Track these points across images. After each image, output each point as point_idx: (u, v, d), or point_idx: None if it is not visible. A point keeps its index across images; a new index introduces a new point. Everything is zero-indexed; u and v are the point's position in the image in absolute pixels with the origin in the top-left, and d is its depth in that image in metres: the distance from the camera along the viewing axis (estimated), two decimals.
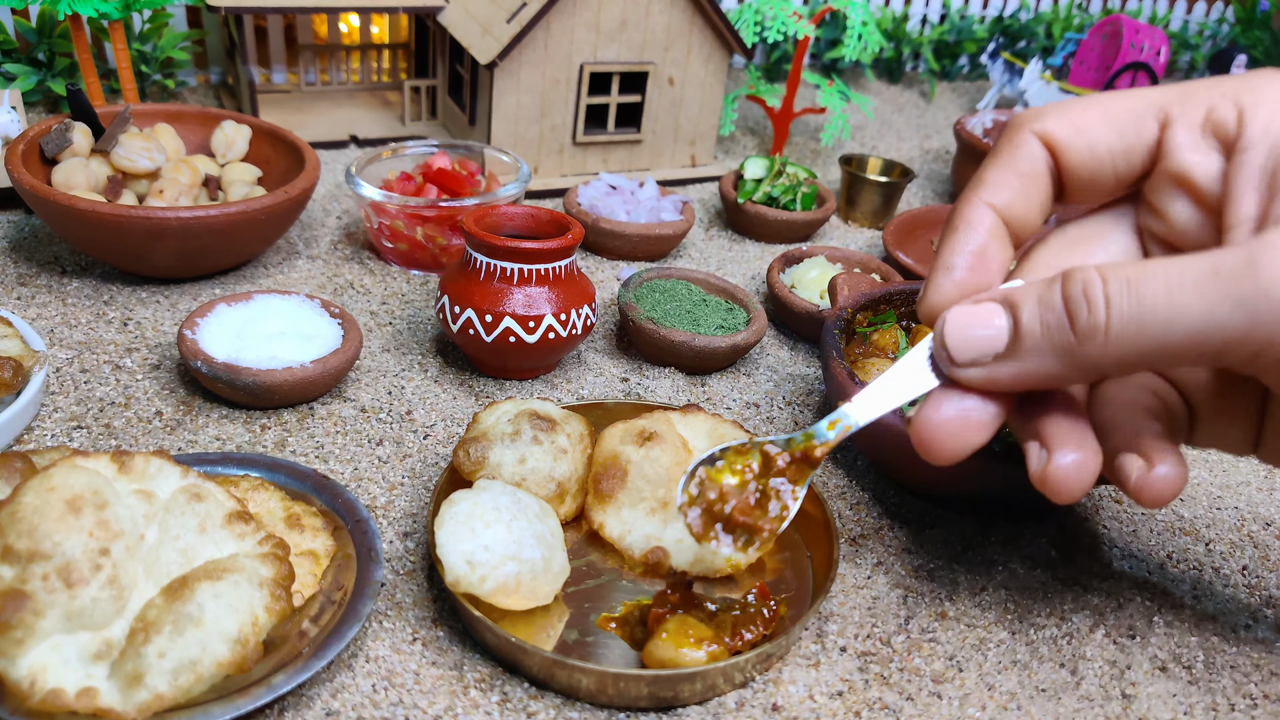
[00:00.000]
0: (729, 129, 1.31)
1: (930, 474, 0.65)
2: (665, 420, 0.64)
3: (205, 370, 0.67)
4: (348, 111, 1.30)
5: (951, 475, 0.63)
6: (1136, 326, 0.40)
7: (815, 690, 0.54)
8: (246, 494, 0.57)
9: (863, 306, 0.77)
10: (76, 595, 0.44)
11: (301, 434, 0.69)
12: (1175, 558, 0.67)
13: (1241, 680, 0.58)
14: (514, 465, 0.59)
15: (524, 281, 0.72)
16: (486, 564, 0.51)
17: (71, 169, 0.83)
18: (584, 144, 1.16)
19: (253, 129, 0.95)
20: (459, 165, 0.97)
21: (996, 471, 0.61)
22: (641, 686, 0.50)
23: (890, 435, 0.63)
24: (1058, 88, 1.65)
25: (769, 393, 0.82)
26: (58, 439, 0.65)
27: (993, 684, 0.55)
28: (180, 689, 0.44)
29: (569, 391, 0.78)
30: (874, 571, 0.63)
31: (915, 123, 1.64)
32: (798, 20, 1.21)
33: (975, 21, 1.87)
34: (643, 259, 1.02)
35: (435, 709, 0.50)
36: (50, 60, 1.19)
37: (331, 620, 0.51)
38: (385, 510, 0.63)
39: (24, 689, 0.43)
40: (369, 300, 0.88)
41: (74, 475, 0.46)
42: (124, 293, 0.83)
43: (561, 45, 1.07)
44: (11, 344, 0.67)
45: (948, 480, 0.65)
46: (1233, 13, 2.11)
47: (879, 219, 1.19)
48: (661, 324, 0.80)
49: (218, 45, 1.37)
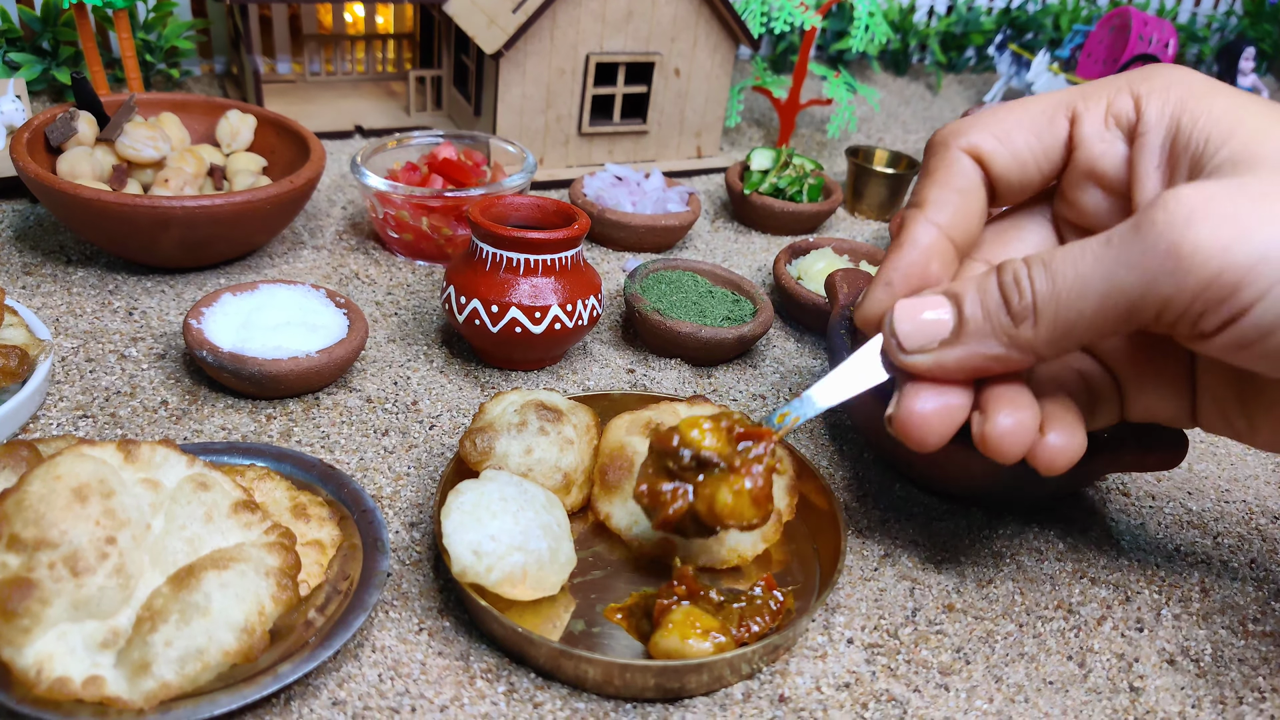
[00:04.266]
0: (735, 120, 1.31)
1: (938, 467, 0.65)
2: (672, 411, 0.63)
3: (211, 360, 0.67)
4: (353, 101, 1.30)
5: (959, 468, 0.63)
6: (1054, 304, 0.44)
7: (822, 682, 0.53)
8: (252, 483, 0.56)
9: None
10: (83, 584, 0.44)
11: (307, 424, 0.69)
12: (1183, 550, 0.67)
13: (1250, 673, 0.57)
14: (520, 456, 0.59)
15: (530, 272, 0.72)
16: (493, 554, 0.51)
17: (76, 158, 0.83)
18: (590, 135, 1.16)
19: (258, 118, 0.95)
20: (464, 156, 0.97)
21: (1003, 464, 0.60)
22: (648, 677, 0.50)
23: None
24: (1065, 80, 1.64)
25: (775, 384, 0.81)
26: (63, 428, 0.65)
27: (1000, 676, 0.55)
28: (187, 678, 0.44)
29: (575, 382, 0.78)
30: (881, 563, 0.63)
31: (922, 115, 1.63)
32: (804, 11, 1.21)
33: (983, 13, 1.86)
34: (649, 250, 1.02)
35: (441, 699, 0.50)
36: (55, 49, 1.19)
37: (338, 610, 0.51)
38: (391, 500, 0.63)
39: (31, 677, 0.43)
40: (374, 290, 0.88)
41: (80, 464, 0.46)
42: (129, 282, 0.83)
43: (567, 35, 1.07)
44: (17, 333, 0.67)
45: (955, 473, 0.64)
46: (1241, 5, 2.10)
47: (885, 211, 1.19)
48: (667, 315, 0.80)
49: (222, 35, 1.37)
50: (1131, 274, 0.41)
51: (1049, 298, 0.44)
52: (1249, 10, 2.06)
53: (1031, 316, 0.45)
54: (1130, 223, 0.42)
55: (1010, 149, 0.51)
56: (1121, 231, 0.42)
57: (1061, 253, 0.44)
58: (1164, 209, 0.41)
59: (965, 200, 0.51)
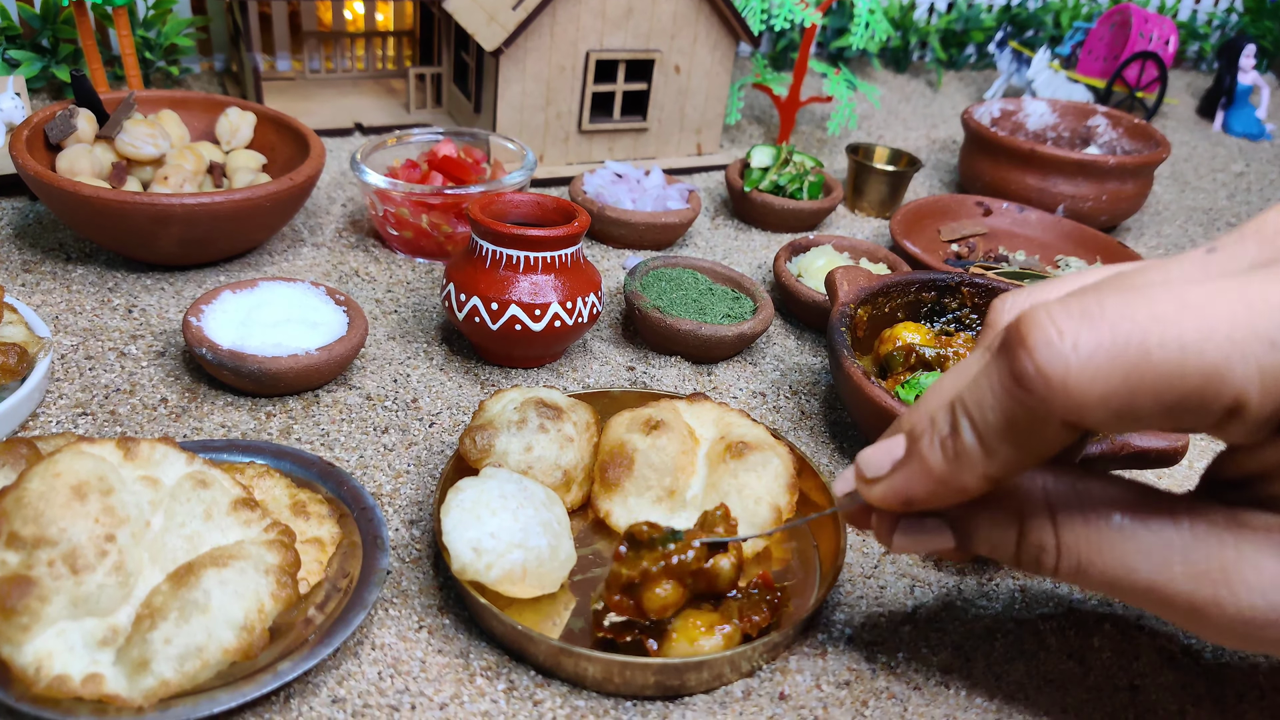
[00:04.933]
0: (735, 117, 1.31)
1: None
2: (672, 409, 0.63)
3: (210, 357, 0.67)
4: (352, 99, 1.30)
5: None
6: (1084, 583, 0.42)
7: (822, 679, 0.53)
8: (252, 481, 0.56)
9: (863, 301, 0.76)
10: (82, 581, 0.44)
11: (307, 421, 0.69)
12: None
13: (1249, 671, 0.57)
14: (520, 453, 0.59)
15: (530, 269, 0.72)
16: (493, 551, 0.51)
17: (76, 155, 0.83)
18: (590, 132, 1.15)
19: (257, 116, 0.95)
20: (464, 153, 0.97)
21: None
22: (648, 675, 0.50)
23: None
24: (1065, 77, 1.64)
25: (775, 382, 0.81)
26: (63, 425, 0.65)
27: (1000, 674, 0.55)
28: (186, 675, 0.44)
29: (575, 380, 0.78)
30: (881, 561, 0.63)
31: (922, 112, 1.63)
32: (805, 8, 1.20)
33: (983, 10, 1.86)
34: (649, 247, 1.02)
35: (441, 696, 0.50)
36: (54, 46, 1.19)
37: (337, 608, 0.51)
38: (391, 498, 0.63)
39: (30, 675, 0.43)
40: (374, 288, 0.87)
41: (80, 461, 0.46)
42: (129, 279, 0.83)
43: (567, 32, 1.07)
44: (16, 330, 0.67)
45: None
46: (1242, 2, 2.09)
47: (886, 208, 1.19)
48: (668, 313, 0.80)
49: (222, 32, 1.36)
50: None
51: (1073, 578, 0.42)
52: (1250, 7, 2.06)
53: (1046, 573, 0.43)
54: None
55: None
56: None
57: (1097, 535, 0.41)
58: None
59: None
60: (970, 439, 0.40)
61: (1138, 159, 1.15)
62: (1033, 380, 0.36)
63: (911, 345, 0.72)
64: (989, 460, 0.40)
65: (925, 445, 0.41)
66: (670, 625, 0.51)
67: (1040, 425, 0.37)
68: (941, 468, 0.41)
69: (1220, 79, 1.77)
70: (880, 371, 0.74)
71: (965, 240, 1.09)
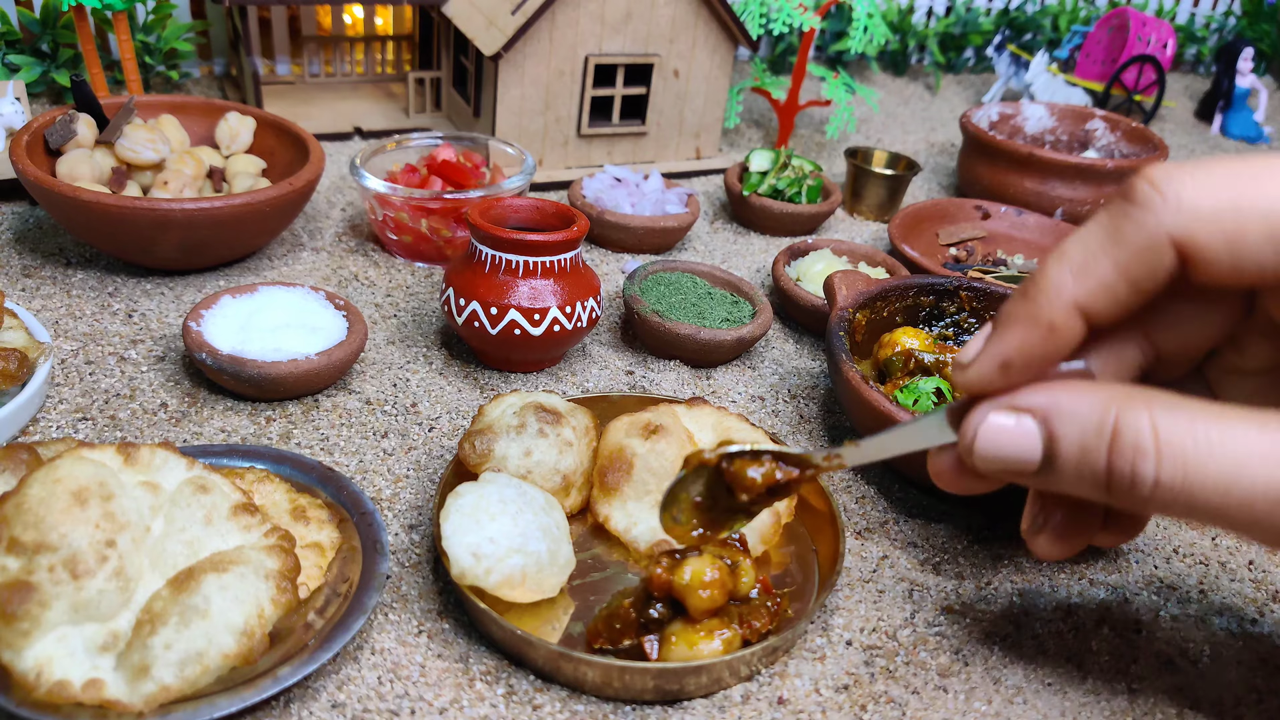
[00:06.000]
0: (734, 121, 1.31)
1: None
2: (670, 413, 0.63)
3: (210, 362, 0.67)
4: (352, 103, 1.30)
5: None
6: (1179, 497, 0.37)
7: (821, 684, 0.54)
8: (252, 486, 0.57)
9: (862, 305, 0.76)
10: (83, 587, 0.44)
11: (306, 426, 0.69)
12: (1181, 551, 0.67)
13: (1247, 674, 0.57)
14: (519, 458, 0.59)
15: (529, 274, 0.72)
16: (492, 556, 0.51)
17: (76, 160, 0.83)
18: (589, 136, 1.16)
19: (257, 120, 0.95)
20: (464, 157, 0.97)
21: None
22: (647, 679, 0.50)
23: None
24: (1064, 80, 1.64)
25: (774, 386, 0.81)
26: (63, 430, 0.65)
27: (999, 678, 0.55)
28: (186, 681, 0.44)
29: (574, 384, 0.78)
30: (880, 565, 0.63)
31: (921, 115, 1.64)
32: (803, 12, 1.21)
33: (981, 14, 1.86)
34: (648, 252, 1.02)
35: (441, 701, 0.50)
36: (54, 51, 1.19)
37: (337, 613, 0.51)
38: (390, 503, 0.63)
39: (30, 680, 0.43)
40: (374, 293, 0.88)
41: (80, 467, 0.46)
42: (129, 284, 0.83)
43: (566, 37, 1.07)
44: (16, 335, 0.67)
45: None
46: (1239, 5, 2.10)
47: (884, 212, 1.19)
48: (667, 317, 0.80)
49: (222, 36, 1.37)
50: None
51: (1174, 490, 0.37)
52: (1247, 10, 2.06)
53: (1147, 493, 0.38)
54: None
55: (1234, 258, 0.37)
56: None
57: (1204, 431, 0.36)
58: None
59: (1132, 293, 0.40)
60: (1062, 267, 0.39)
61: (1136, 162, 1.15)
62: (1145, 193, 0.37)
63: (911, 351, 0.72)
64: (1080, 279, 0.38)
65: (1015, 295, 0.41)
66: (669, 629, 0.51)
67: (1145, 246, 0.37)
68: (1030, 302, 0.39)
69: (1218, 82, 1.78)
70: (879, 376, 0.75)
71: (964, 244, 1.09)
